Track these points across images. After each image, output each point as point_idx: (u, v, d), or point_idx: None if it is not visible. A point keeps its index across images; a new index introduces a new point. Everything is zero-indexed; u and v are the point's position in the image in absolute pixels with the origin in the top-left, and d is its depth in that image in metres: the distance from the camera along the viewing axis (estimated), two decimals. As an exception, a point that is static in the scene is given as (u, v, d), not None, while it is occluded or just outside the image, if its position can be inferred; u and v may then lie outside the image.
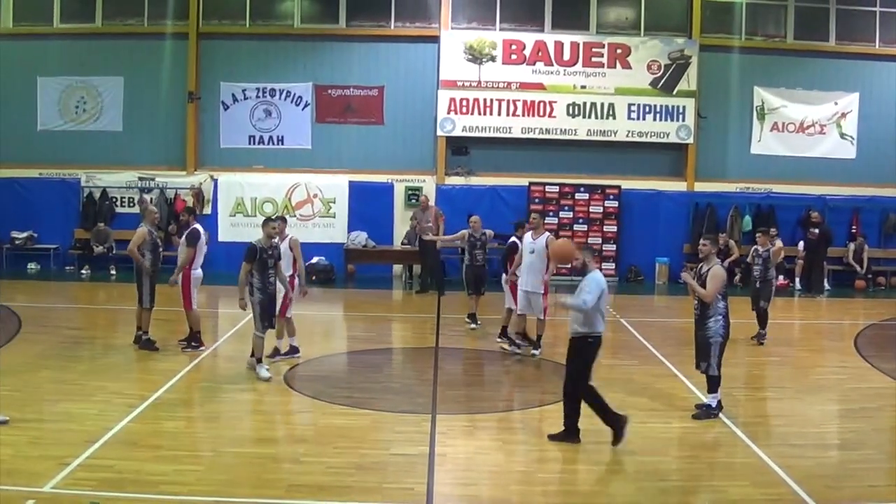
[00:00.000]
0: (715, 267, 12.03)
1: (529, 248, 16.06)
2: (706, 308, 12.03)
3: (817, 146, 28.14)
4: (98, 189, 27.25)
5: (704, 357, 12.16)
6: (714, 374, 12.11)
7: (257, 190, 27.39)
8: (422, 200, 25.51)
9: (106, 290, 24.13)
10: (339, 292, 24.61)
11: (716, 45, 27.82)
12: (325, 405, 12.54)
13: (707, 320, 12.06)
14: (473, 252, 18.46)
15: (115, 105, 27.67)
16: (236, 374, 14.23)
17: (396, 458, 10.29)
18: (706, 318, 12.07)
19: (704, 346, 12.15)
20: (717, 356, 12.08)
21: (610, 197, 27.27)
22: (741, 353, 16.67)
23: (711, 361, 12.07)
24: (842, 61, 28.07)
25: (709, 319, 12.04)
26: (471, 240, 18.45)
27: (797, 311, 23.41)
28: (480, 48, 27.19)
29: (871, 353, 16.73)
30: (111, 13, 27.65)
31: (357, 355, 16.14)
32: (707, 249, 12.31)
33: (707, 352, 12.11)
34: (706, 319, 12.07)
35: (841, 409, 13.44)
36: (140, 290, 15.82)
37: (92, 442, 10.31)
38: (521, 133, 27.41)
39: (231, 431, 11.44)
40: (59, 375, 13.64)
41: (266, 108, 27.71)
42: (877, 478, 10.07)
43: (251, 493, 9.10)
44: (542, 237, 16.05)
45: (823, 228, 25.91)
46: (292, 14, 27.77)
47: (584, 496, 9.28)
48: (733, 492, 9.40)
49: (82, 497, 8.71)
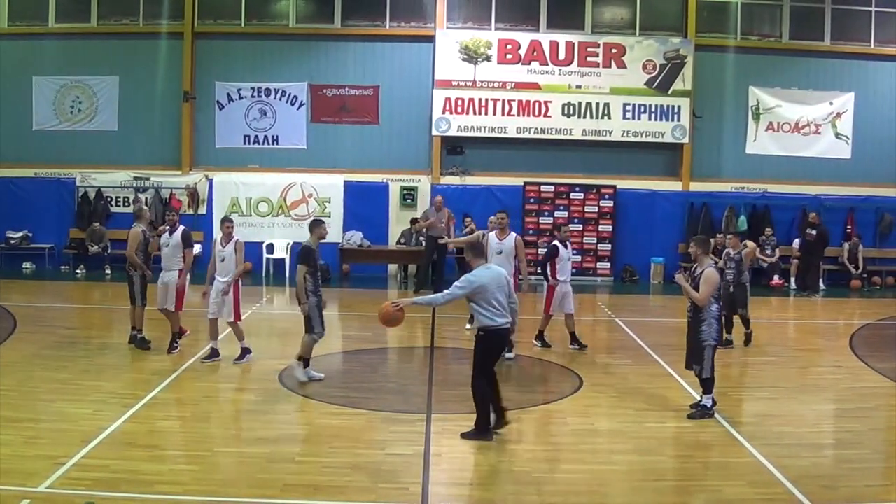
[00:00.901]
0: (707, 270, 12.02)
1: (497, 248, 16.01)
2: (699, 311, 12.04)
3: (812, 146, 28.17)
4: (93, 189, 27.21)
5: (697, 360, 12.16)
6: (707, 377, 12.12)
7: (252, 190, 27.37)
8: (436, 201, 25.25)
9: (101, 289, 24.10)
10: (334, 292, 24.52)
11: (711, 45, 27.85)
12: (321, 405, 12.54)
13: (700, 324, 12.05)
14: None
15: (110, 105, 27.66)
16: (231, 374, 14.24)
17: (392, 458, 10.29)
18: (699, 321, 12.06)
19: (697, 350, 12.15)
20: (710, 359, 12.08)
21: (605, 197, 27.27)
22: (736, 353, 16.70)
23: (704, 365, 12.07)
24: (837, 61, 28.10)
25: (702, 323, 12.04)
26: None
27: (792, 311, 23.43)
28: (475, 48, 27.18)
29: (867, 353, 16.77)
30: (106, 13, 27.63)
31: (352, 355, 16.13)
32: (695, 251, 12.34)
33: (700, 355, 12.11)
34: (699, 323, 12.06)
35: (836, 409, 13.46)
36: (132, 289, 15.84)
37: (87, 441, 10.31)
38: (516, 133, 27.41)
39: (226, 431, 11.46)
40: (54, 375, 13.63)
41: (261, 108, 27.69)
42: (872, 478, 10.09)
43: (246, 493, 9.10)
44: (509, 238, 16.08)
45: (821, 230, 25.91)
46: (287, 14, 27.75)
47: (579, 496, 9.27)
48: (728, 491, 9.41)
49: (77, 497, 8.71)
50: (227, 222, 15.20)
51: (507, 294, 11.16)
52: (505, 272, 11.52)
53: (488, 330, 11.06)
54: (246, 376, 13.97)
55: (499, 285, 11.06)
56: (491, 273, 11.20)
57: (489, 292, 10.95)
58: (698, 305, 12.00)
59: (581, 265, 26.64)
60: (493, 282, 11.04)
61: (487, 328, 11.04)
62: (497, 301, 10.99)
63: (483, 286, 10.94)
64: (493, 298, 10.97)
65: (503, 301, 11.06)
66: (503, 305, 11.06)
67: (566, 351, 16.72)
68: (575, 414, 12.43)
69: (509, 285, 11.34)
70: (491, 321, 10.98)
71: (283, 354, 15.70)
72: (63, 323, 18.63)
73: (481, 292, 10.92)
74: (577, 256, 26.85)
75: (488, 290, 10.95)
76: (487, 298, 10.94)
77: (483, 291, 10.94)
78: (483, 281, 10.98)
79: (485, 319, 10.99)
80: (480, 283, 10.96)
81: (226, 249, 14.82)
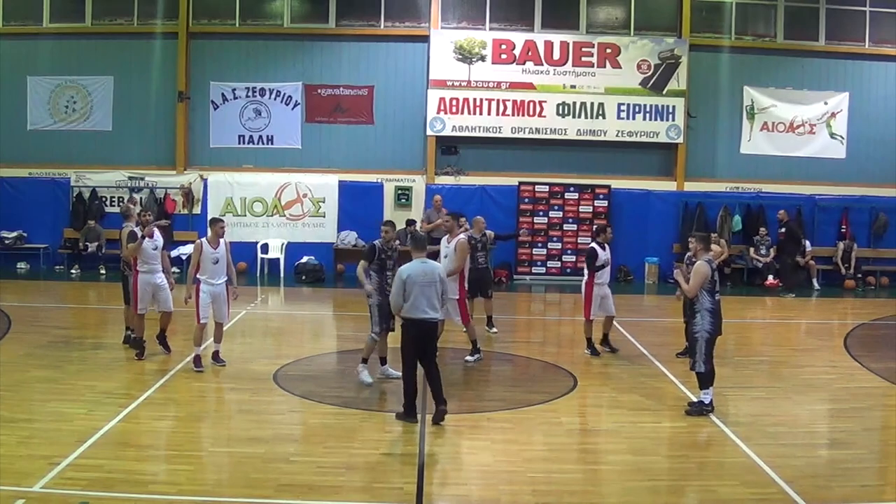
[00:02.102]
0: (698, 262, 12.13)
1: (444, 252, 15.99)
2: (693, 304, 12.12)
3: (807, 146, 28.20)
4: (87, 189, 27.19)
5: (692, 353, 12.24)
6: (701, 370, 12.14)
7: (247, 189, 27.35)
8: (436, 201, 25.13)
9: (95, 289, 24.07)
10: (329, 291, 24.60)
11: (706, 45, 27.88)
12: (315, 405, 12.54)
13: (693, 316, 12.15)
14: (475, 255, 17.31)
15: (104, 104, 27.65)
16: (225, 374, 14.21)
17: (386, 458, 10.31)
18: (693, 314, 12.17)
19: (691, 343, 12.30)
20: (703, 352, 12.11)
21: (600, 196, 27.28)
22: (731, 352, 16.69)
23: (697, 358, 12.12)
24: (831, 61, 28.14)
25: (695, 315, 12.14)
26: (471, 241, 17.02)
27: (787, 311, 23.43)
28: (470, 48, 27.19)
29: (861, 353, 16.77)
30: (101, 13, 27.61)
31: (347, 355, 16.09)
32: (695, 247, 12.47)
33: (693, 347, 12.20)
34: (693, 315, 12.17)
35: (831, 409, 13.47)
36: (126, 288, 15.81)
37: (82, 441, 10.30)
38: (510, 133, 27.41)
39: (221, 431, 11.44)
40: (48, 375, 13.60)
41: (256, 108, 27.68)
42: (867, 477, 10.09)
43: (241, 493, 9.10)
44: (455, 240, 15.89)
45: (789, 226, 25.84)
46: (282, 13, 27.74)
47: (573, 495, 9.27)
48: (723, 491, 9.42)
49: (72, 497, 8.70)
50: (220, 223, 14.90)
51: (438, 291, 11.66)
52: (440, 269, 11.94)
53: (406, 320, 11.63)
54: (240, 376, 13.94)
55: (429, 280, 11.56)
56: (423, 267, 11.68)
57: (415, 284, 11.45)
58: (688, 299, 12.15)
59: (575, 265, 26.67)
60: (421, 276, 11.54)
61: (406, 318, 11.61)
62: (423, 294, 11.50)
63: (408, 277, 11.49)
64: (419, 291, 11.47)
65: (431, 295, 11.56)
66: (429, 300, 11.55)
67: (560, 350, 16.69)
68: (569, 413, 12.44)
69: (443, 283, 11.77)
70: (408, 313, 11.56)
71: (277, 354, 15.75)
72: (57, 323, 18.58)
73: (408, 283, 11.46)
74: (572, 256, 26.99)
75: (414, 282, 11.45)
76: (411, 289, 11.45)
77: (409, 283, 11.46)
78: (409, 272, 11.54)
79: (408, 312, 11.55)
80: (407, 273, 11.54)
81: (218, 251, 14.62)
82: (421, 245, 12.13)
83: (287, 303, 23.56)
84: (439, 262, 14.91)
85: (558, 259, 27.25)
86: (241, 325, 18.53)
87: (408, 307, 11.51)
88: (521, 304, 24.02)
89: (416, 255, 11.93)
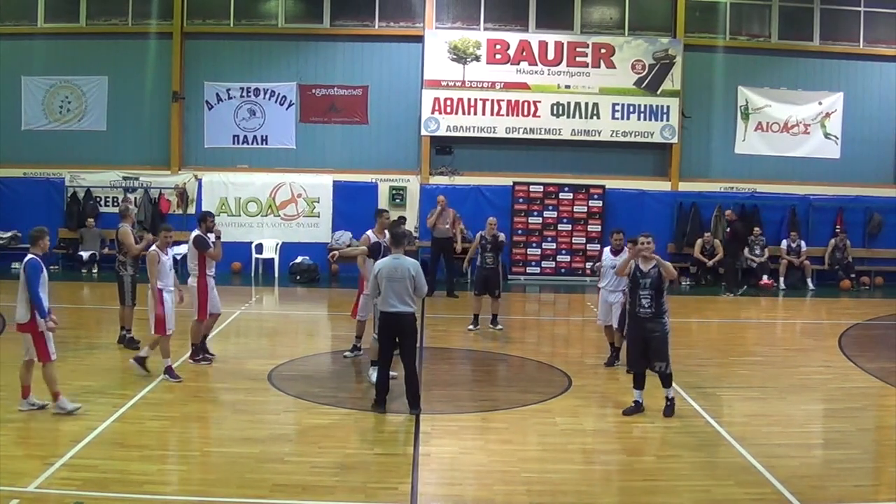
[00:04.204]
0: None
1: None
2: (660, 303, 12.11)
3: (801, 146, 28.22)
4: (82, 189, 27.13)
5: (662, 356, 12.12)
6: (671, 370, 12.21)
7: (241, 189, 27.31)
8: (440, 200, 24.59)
9: (90, 289, 24.05)
10: (323, 291, 24.57)
11: (700, 45, 27.88)
12: (310, 405, 12.54)
13: (661, 316, 12.13)
14: (483, 254, 18.52)
15: (99, 105, 27.58)
16: (220, 374, 14.21)
17: (381, 458, 10.31)
18: (661, 314, 12.14)
19: (661, 345, 12.13)
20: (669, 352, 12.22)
21: (594, 196, 27.25)
22: (726, 352, 16.73)
23: (669, 360, 12.13)
24: (826, 61, 28.17)
25: (663, 315, 12.15)
26: (480, 241, 18.58)
27: (781, 311, 23.47)
28: (464, 48, 27.18)
29: (856, 353, 16.79)
30: (95, 13, 27.55)
31: (341, 355, 16.10)
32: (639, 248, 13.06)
33: (664, 350, 12.11)
34: (661, 315, 12.13)
35: (825, 409, 13.48)
36: (121, 288, 15.79)
37: (76, 441, 10.30)
38: (505, 133, 27.40)
39: (215, 431, 11.45)
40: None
41: (250, 108, 27.66)
42: (861, 477, 10.12)
43: (235, 493, 9.09)
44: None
45: (734, 226, 25.68)
46: (276, 14, 27.71)
47: (568, 495, 9.28)
48: (717, 492, 9.43)
49: (67, 497, 8.70)
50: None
51: (409, 287, 12.06)
52: (410, 265, 12.19)
53: (382, 314, 12.21)
54: (235, 377, 13.93)
55: (398, 276, 12.02)
56: (394, 263, 12.17)
57: (384, 279, 12.03)
58: (660, 300, 12.11)
59: (570, 265, 26.70)
60: (391, 271, 12.06)
61: (383, 313, 12.18)
62: (392, 289, 11.99)
63: (379, 272, 12.14)
64: (388, 286, 12.01)
65: (400, 291, 12.00)
66: (398, 294, 12.00)
67: (555, 350, 16.71)
68: (563, 414, 12.42)
69: (414, 280, 12.09)
70: (380, 306, 12.23)
71: (272, 354, 15.76)
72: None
73: (379, 278, 12.09)
74: (566, 256, 26.99)
75: (384, 277, 12.04)
76: (380, 283, 12.05)
77: (380, 278, 12.08)
78: (380, 267, 12.23)
79: (380, 305, 12.19)
80: (378, 268, 12.23)
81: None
82: (398, 242, 12.51)
83: (281, 303, 23.56)
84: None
85: (553, 259, 27.22)
86: (236, 326, 18.52)
87: (379, 301, 12.16)
88: (516, 304, 23.99)
89: (394, 251, 12.44)
